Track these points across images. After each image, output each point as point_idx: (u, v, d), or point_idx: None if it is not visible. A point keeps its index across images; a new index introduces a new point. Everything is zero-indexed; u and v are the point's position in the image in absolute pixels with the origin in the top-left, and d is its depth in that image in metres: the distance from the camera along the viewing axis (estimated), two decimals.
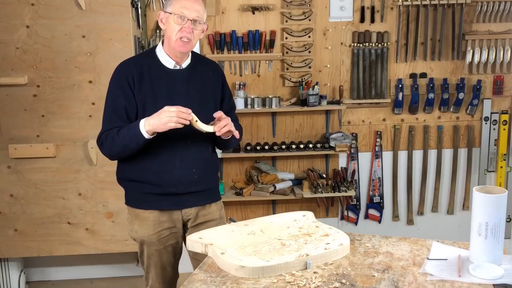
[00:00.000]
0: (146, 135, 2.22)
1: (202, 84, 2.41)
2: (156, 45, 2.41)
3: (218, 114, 2.30)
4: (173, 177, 2.34)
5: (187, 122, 2.19)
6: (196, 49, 3.89)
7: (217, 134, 2.27)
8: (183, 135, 2.32)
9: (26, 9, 3.38)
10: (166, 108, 2.18)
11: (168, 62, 2.35)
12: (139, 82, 2.31)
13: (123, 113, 2.30)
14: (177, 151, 2.35)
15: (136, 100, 2.31)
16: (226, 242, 2.10)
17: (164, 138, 2.29)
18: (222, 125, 2.26)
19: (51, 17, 3.40)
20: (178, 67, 2.37)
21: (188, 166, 2.37)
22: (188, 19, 2.27)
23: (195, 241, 2.13)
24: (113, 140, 2.28)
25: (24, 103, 3.49)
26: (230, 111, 2.51)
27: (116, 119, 2.30)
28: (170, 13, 2.28)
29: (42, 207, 3.60)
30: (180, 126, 2.18)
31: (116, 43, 3.45)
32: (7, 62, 3.43)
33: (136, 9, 3.65)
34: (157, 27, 3.87)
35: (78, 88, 3.49)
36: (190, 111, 2.19)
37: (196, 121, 2.23)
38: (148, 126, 2.21)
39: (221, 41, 3.92)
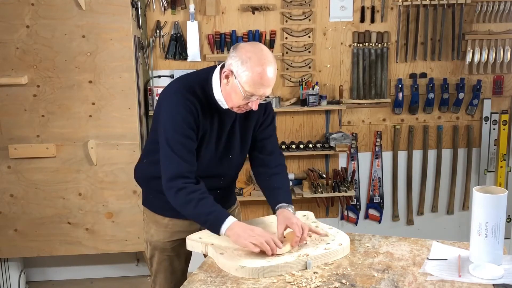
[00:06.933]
0: (221, 233, 2.09)
1: (246, 119, 2.28)
2: (213, 72, 2.19)
3: (300, 232, 2.12)
4: None
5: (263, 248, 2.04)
6: (196, 50, 3.90)
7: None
8: (217, 174, 2.31)
9: (26, 9, 3.38)
10: (260, 231, 2.06)
11: (222, 103, 2.18)
12: (201, 119, 2.17)
13: (195, 152, 2.18)
14: (207, 180, 2.27)
15: (197, 136, 2.19)
16: (226, 242, 2.10)
17: (200, 174, 2.22)
18: (297, 241, 2.11)
19: (51, 17, 3.40)
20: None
21: (214, 192, 2.31)
22: (257, 98, 2.10)
23: (195, 241, 2.14)
24: (187, 205, 2.13)
25: (24, 103, 3.49)
26: (266, 139, 2.38)
27: (191, 159, 2.16)
28: (240, 85, 2.06)
29: (42, 207, 3.60)
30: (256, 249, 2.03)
31: (116, 43, 3.45)
32: (7, 62, 3.43)
33: (136, 9, 3.65)
34: (157, 27, 3.87)
35: (78, 88, 3.49)
36: (276, 251, 2.03)
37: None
38: (230, 231, 2.06)
39: (221, 41, 3.92)
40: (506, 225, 4.13)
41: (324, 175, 4.13)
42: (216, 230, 2.09)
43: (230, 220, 2.09)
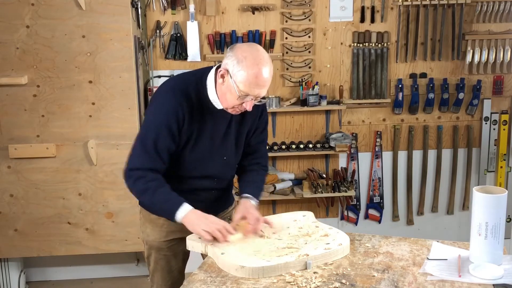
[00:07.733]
0: (177, 220, 2.14)
1: (241, 121, 2.30)
2: (208, 73, 2.19)
3: (250, 218, 2.19)
4: (194, 199, 2.25)
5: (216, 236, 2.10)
6: (196, 50, 3.90)
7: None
8: (211, 175, 2.31)
9: (26, 9, 3.38)
10: (214, 219, 2.12)
11: (217, 104, 2.18)
12: (188, 121, 2.16)
13: (166, 153, 2.17)
14: (201, 180, 2.30)
15: (180, 137, 2.19)
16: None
17: (193, 174, 2.25)
18: (250, 230, 2.17)
19: (51, 17, 3.40)
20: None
21: (208, 192, 2.36)
22: (252, 98, 2.09)
23: (195, 241, 2.14)
24: (145, 193, 2.17)
25: (24, 103, 3.49)
26: (259, 143, 2.42)
27: (157, 158, 2.15)
28: (235, 84, 2.05)
29: (42, 207, 3.60)
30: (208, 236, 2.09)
31: (116, 43, 3.45)
32: (7, 62, 3.43)
33: (136, 9, 3.65)
34: (157, 27, 3.87)
35: (78, 88, 3.49)
36: (228, 238, 2.09)
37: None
38: (185, 218, 2.11)
39: (221, 41, 3.91)
40: (506, 225, 4.13)
41: (324, 175, 4.13)
42: (171, 217, 2.14)
43: (186, 207, 2.13)
